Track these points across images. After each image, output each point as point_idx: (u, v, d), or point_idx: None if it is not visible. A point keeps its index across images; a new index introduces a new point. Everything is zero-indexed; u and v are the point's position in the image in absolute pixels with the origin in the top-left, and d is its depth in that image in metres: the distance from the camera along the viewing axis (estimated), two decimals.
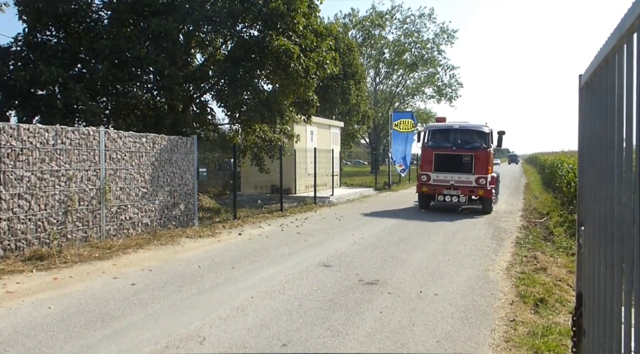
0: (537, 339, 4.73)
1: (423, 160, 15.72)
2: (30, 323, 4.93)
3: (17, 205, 7.49)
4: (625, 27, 1.69)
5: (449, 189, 14.72)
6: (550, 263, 7.91)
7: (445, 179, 14.80)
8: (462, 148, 14.95)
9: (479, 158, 14.62)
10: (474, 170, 14.52)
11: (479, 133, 15.22)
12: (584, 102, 3.05)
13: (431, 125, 17.35)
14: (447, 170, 14.81)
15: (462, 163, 14.68)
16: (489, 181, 14.55)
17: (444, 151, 15.03)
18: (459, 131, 15.56)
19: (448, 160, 14.91)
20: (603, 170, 2.21)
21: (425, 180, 15.15)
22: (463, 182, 14.59)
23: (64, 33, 13.10)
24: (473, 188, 14.52)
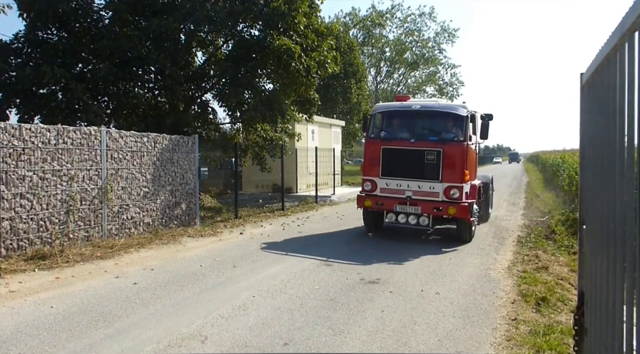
0: (538, 338, 4.73)
1: (366, 159, 10.28)
2: (32, 322, 4.94)
3: (19, 204, 7.50)
4: (626, 25, 1.68)
5: (404, 204, 9.53)
6: (551, 262, 7.90)
7: (399, 189, 9.63)
8: (424, 140, 9.55)
9: (450, 157, 9.29)
10: (442, 175, 9.23)
11: (452, 117, 9.68)
12: (585, 100, 3.04)
13: (380, 105, 11.26)
14: (402, 174, 9.62)
15: (425, 164, 9.39)
16: (466, 192, 9.30)
17: (396, 145, 9.77)
18: (420, 114, 9.98)
19: (403, 159, 9.64)
20: (604, 169, 2.21)
21: (370, 189, 9.98)
22: (425, 194, 9.39)
23: (65, 32, 13.10)
24: (440, 203, 9.22)
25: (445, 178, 9.25)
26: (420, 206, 9.40)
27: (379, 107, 10.83)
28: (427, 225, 9.57)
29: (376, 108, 10.90)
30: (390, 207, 9.72)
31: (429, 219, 9.47)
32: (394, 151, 9.75)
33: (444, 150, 9.30)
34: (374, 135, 10.28)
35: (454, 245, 9.48)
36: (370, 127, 10.42)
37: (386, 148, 9.82)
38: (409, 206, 9.52)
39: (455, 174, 9.24)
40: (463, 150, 9.35)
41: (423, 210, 9.39)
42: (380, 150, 9.83)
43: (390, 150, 9.79)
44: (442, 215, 9.28)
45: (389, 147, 9.82)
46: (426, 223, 9.51)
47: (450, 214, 9.12)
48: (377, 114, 10.61)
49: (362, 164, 10.54)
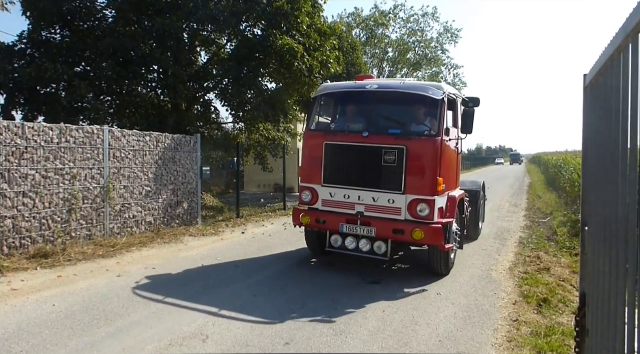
0: (540, 339, 4.72)
1: (305, 160, 7.61)
2: (34, 320, 4.95)
3: (22, 203, 7.52)
4: (630, 26, 1.68)
5: (353, 223, 6.89)
6: (553, 263, 7.89)
7: (346, 202, 6.97)
8: (382, 135, 6.91)
9: (417, 158, 6.63)
10: (406, 183, 6.60)
11: (422, 102, 7.03)
12: (588, 101, 3.04)
13: (326, 85, 8.26)
14: (350, 181, 6.96)
15: (382, 167, 6.74)
16: (440, 208, 6.76)
17: (343, 140, 7.09)
18: (378, 98, 7.40)
19: (352, 159, 7.00)
20: (607, 170, 2.20)
21: (309, 200, 7.32)
22: (382, 209, 6.77)
23: (68, 31, 13.14)
24: (403, 223, 6.60)
25: (411, 187, 6.50)
26: (375, 226, 6.64)
27: (323, 88, 7.89)
28: (385, 253, 6.68)
29: (320, 89, 7.93)
30: (334, 226, 6.93)
31: (386, 245, 6.68)
32: (340, 148, 6.95)
33: (408, 148, 6.49)
34: (315, 127, 7.57)
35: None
36: (312, 116, 7.67)
37: (330, 145, 7.00)
38: (359, 227, 6.76)
39: (424, 182, 6.48)
40: (436, 148, 6.50)
41: (379, 233, 6.63)
42: (322, 146, 7.02)
43: (335, 147, 6.98)
44: (405, 240, 6.55)
45: (333, 143, 7.00)
46: (383, 251, 6.68)
47: (416, 239, 6.40)
48: (320, 97, 7.75)
49: (300, 166, 7.71)
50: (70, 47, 12.45)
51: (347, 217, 6.92)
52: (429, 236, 6.43)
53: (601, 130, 2.43)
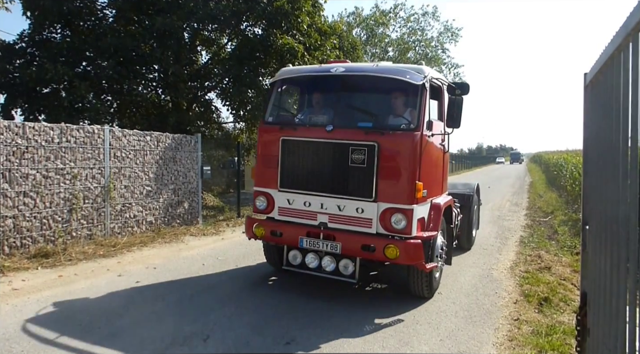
0: (541, 339, 4.72)
1: (259, 158, 6.43)
2: (35, 320, 4.96)
3: (23, 202, 7.53)
4: (630, 25, 1.68)
5: (315, 237, 5.74)
6: (554, 262, 7.89)
7: (307, 210, 5.84)
8: (350, 128, 5.72)
9: (391, 157, 5.49)
10: (378, 189, 5.46)
11: (398, 88, 5.87)
12: (589, 100, 3.04)
13: (286, 70, 6.85)
14: (312, 186, 5.82)
15: (349, 169, 5.60)
16: (420, 219, 5.62)
17: (303, 135, 5.91)
18: (346, 83, 6.16)
19: (314, 159, 5.85)
20: (608, 169, 2.20)
21: (264, 208, 6.19)
22: (350, 220, 5.63)
23: (69, 31, 13.15)
24: (374, 238, 5.45)
25: (383, 194, 5.35)
26: (341, 241, 5.47)
27: (281, 72, 6.60)
28: (352, 274, 5.55)
29: (278, 74, 6.63)
30: (292, 240, 5.78)
31: (354, 265, 5.53)
32: (300, 145, 5.78)
33: (380, 146, 5.33)
34: (271, 119, 6.38)
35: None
36: (269, 106, 6.48)
37: (288, 141, 5.83)
38: (322, 241, 5.57)
39: (399, 187, 5.34)
40: (414, 145, 5.31)
41: (345, 249, 5.46)
42: (279, 143, 5.86)
43: (294, 143, 5.81)
44: (376, 258, 5.38)
45: (291, 139, 5.82)
46: (350, 272, 5.54)
47: (390, 258, 5.21)
48: (277, 84, 6.50)
49: (254, 166, 6.44)
50: (70, 47, 12.46)
51: (308, 229, 5.71)
52: (405, 254, 5.20)
53: (602, 129, 2.43)
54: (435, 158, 6.16)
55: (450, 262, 6.69)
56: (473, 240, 9.36)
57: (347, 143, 5.52)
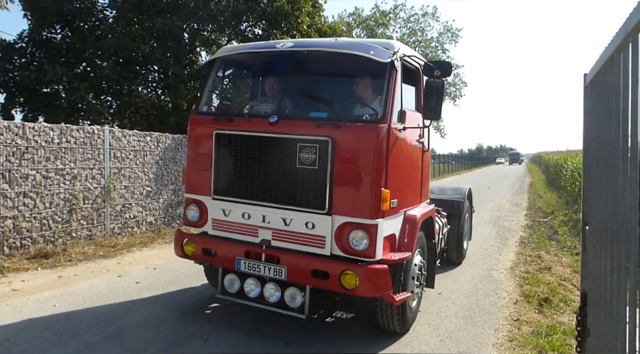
0: (541, 339, 4.72)
1: (190, 158, 5.15)
2: (34, 321, 4.95)
3: (23, 203, 7.52)
4: (631, 25, 1.68)
5: (256, 259, 4.53)
6: (554, 263, 7.89)
7: (246, 224, 4.64)
8: (299, 119, 4.58)
9: (349, 157, 4.24)
10: (333, 197, 4.23)
11: (359, 68, 4.81)
12: (588, 100, 3.04)
13: (226, 48, 5.50)
14: (252, 193, 4.57)
15: (297, 171, 4.35)
16: (388, 237, 4.38)
17: (241, 128, 4.66)
18: (295, 62, 4.84)
19: (254, 159, 4.56)
20: (608, 169, 2.20)
21: (195, 219, 5.04)
22: (297, 237, 4.40)
23: (69, 31, 13.16)
24: (328, 261, 4.25)
25: (340, 205, 4.23)
26: (287, 264, 4.36)
27: (220, 51, 5.41)
28: (301, 307, 4.35)
29: (217, 53, 5.45)
30: (228, 262, 4.66)
31: (303, 295, 4.35)
32: (237, 141, 4.63)
33: (336, 142, 4.20)
34: (207, 109, 5.38)
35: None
36: (205, 93, 5.39)
37: (222, 136, 4.72)
38: (264, 265, 4.46)
39: (360, 196, 4.21)
40: (379, 142, 4.16)
41: (292, 274, 4.35)
42: (212, 138, 4.75)
43: (230, 139, 4.67)
44: (331, 288, 4.23)
45: (226, 133, 4.70)
46: (298, 304, 4.35)
47: (348, 288, 4.10)
48: (215, 65, 5.37)
49: (185, 168, 5.39)
50: (70, 47, 12.47)
51: (247, 248, 4.56)
52: (367, 284, 4.06)
53: (602, 129, 2.43)
54: (409, 159, 4.91)
55: (433, 284, 5.43)
56: (464, 254, 8.14)
57: (294, 138, 4.31)
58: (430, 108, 4.55)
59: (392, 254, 4.38)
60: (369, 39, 4.97)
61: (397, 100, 4.38)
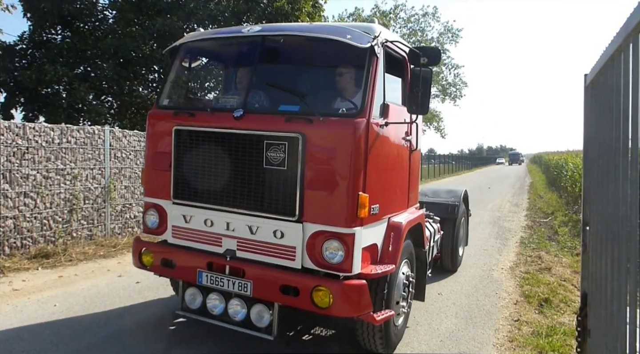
0: (541, 339, 4.72)
1: (148, 158, 4.64)
2: (35, 320, 4.95)
3: (23, 203, 7.53)
4: (631, 26, 1.68)
5: (219, 272, 4.06)
6: (554, 263, 7.89)
7: (208, 233, 4.17)
8: (266, 114, 4.14)
9: (322, 157, 3.75)
10: (302, 203, 3.76)
11: (335, 55, 4.41)
12: (589, 101, 3.04)
13: (191, 35, 4.94)
14: (214, 197, 4.10)
15: (263, 173, 3.88)
16: (367, 249, 3.86)
17: (204, 124, 4.19)
18: (264, 49, 4.34)
19: (216, 159, 4.09)
20: (608, 170, 2.20)
21: (155, 226, 4.50)
22: (263, 248, 3.93)
23: (69, 32, 13.18)
24: (296, 276, 3.76)
25: (312, 211, 3.77)
26: (253, 278, 3.91)
27: (185, 38, 4.93)
28: (268, 327, 3.93)
29: (181, 39, 4.93)
30: (188, 274, 4.21)
31: (270, 313, 3.91)
32: (198, 138, 4.19)
33: (307, 139, 3.75)
34: (167, 102, 4.81)
35: None
36: (167, 84, 4.87)
37: (182, 132, 4.27)
38: (228, 278, 4.00)
39: (334, 202, 3.74)
40: (357, 139, 3.69)
41: (258, 290, 3.89)
42: (172, 134, 4.29)
43: (191, 135, 4.23)
44: (302, 306, 3.76)
45: (186, 129, 4.25)
46: (266, 323, 3.92)
47: (321, 307, 3.64)
48: (180, 53, 4.87)
49: (143, 169, 4.84)
50: (71, 48, 12.48)
51: (210, 259, 4.10)
52: (341, 302, 3.60)
53: (602, 129, 2.43)
54: (393, 159, 4.42)
55: (423, 297, 5.00)
56: (459, 260, 7.69)
57: (260, 134, 3.85)
58: (416, 100, 3.93)
59: (373, 267, 3.89)
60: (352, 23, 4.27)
61: (378, 91, 3.92)
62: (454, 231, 7.16)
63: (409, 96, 4.05)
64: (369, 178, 3.77)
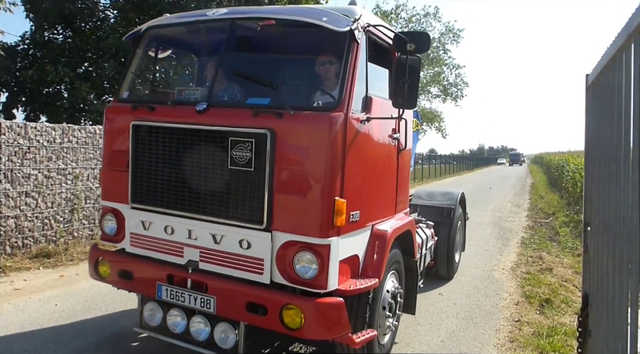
0: (542, 340, 4.72)
1: (106, 157, 4.20)
2: (37, 320, 4.96)
3: (25, 202, 7.54)
4: (632, 26, 1.68)
5: (180, 286, 3.62)
6: (556, 264, 7.88)
7: (168, 241, 3.73)
8: (232, 108, 3.75)
9: (293, 158, 3.30)
10: (270, 209, 3.30)
11: (310, 40, 4.19)
12: (590, 101, 3.04)
13: (155, 19, 4.44)
14: (175, 202, 3.65)
15: (228, 174, 3.41)
16: (345, 262, 3.40)
17: (164, 118, 3.73)
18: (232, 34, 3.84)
19: (177, 158, 3.63)
20: (609, 170, 2.20)
21: (112, 232, 4.08)
22: (227, 260, 3.48)
23: (71, 32, 13.20)
24: (264, 292, 3.33)
25: (282, 219, 3.34)
26: (217, 293, 3.50)
27: (150, 23, 4.40)
28: (234, 349, 3.49)
29: (143, 25, 4.41)
30: (148, 288, 3.81)
31: (236, 332, 3.49)
32: (158, 135, 3.73)
33: (277, 136, 3.31)
34: (127, 95, 4.29)
35: None
36: (127, 74, 4.29)
37: (141, 128, 3.82)
38: (189, 293, 3.59)
39: (307, 208, 3.29)
40: (333, 136, 3.23)
41: (222, 307, 3.47)
42: (130, 130, 3.85)
43: (149, 131, 3.77)
44: (270, 327, 3.33)
45: (145, 124, 3.81)
46: (231, 344, 3.50)
47: (291, 327, 3.21)
48: (144, 40, 4.32)
49: (102, 167, 4.36)
50: (72, 48, 12.50)
51: (170, 270, 3.69)
52: (315, 323, 3.19)
53: (603, 129, 2.43)
54: (377, 159, 3.97)
55: (414, 310, 4.63)
56: (456, 267, 7.18)
57: (225, 130, 3.40)
58: (402, 93, 3.45)
59: (352, 282, 3.45)
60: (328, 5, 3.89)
61: (359, 82, 3.45)
62: (450, 237, 6.68)
63: (394, 88, 3.61)
64: (348, 181, 3.33)
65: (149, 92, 4.76)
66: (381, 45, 3.92)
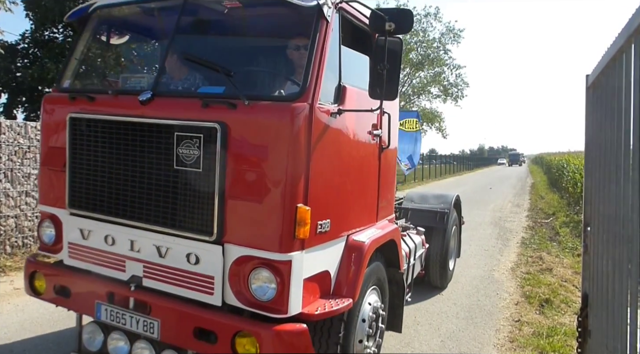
0: (542, 340, 4.72)
1: (43, 155, 3.66)
2: (37, 319, 4.96)
3: (25, 202, 7.54)
4: (632, 27, 1.68)
5: (121, 306, 3.08)
6: (555, 264, 7.88)
7: (109, 254, 3.18)
8: (180, 97, 3.17)
9: (249, 156, 2.76)
10: (221, 218, 2.76)
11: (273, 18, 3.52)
12: (590, 102, 3.04)
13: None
14: (115, 208, 3.10)
15: (174, 175, 2.87)
16: (311, 280, 2.88)
17: (105, 110, 3.20)
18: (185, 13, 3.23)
19: (117, 157, 3.07)
20: (609, 171, 2.20)
21: (52, 242, 3.52)
22: (172, 276, 2.94)
23: (71, 30, 13.20)
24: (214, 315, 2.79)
25: (236, 229, 2.79)
26: (161, 316, 2.96)
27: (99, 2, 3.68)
28: None
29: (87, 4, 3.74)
30: (86, 307, 3.33)
31: None
32: (97, 129, 3.17)
33: (230, 130, 2.76)
34: (69, 84, 3.73)
35: None
36: (70, 61, 3.79)
37: (79, 121, 3.25)
38: (131, 314, 3.06)
39: (264, 215, 2.73)
40: (295, 131, 2.69)
41: (166, 332, 2.95)
42: (67, 123, 3.28)
43: (87, 125, 3.21)
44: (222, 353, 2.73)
45: (83, 117, 3.23)
46: None
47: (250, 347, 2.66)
48: (92, 21, 3.79)
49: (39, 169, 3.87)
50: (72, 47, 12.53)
51: (111, 287, 3.18)
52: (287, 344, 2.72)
53: (603, 130, 2.43)
54: (352, 158, 3.40)
55: (400, 327, 4.15)
56: (450, 276, 6.69)
57: (170, 124, 2.91)
58: (380, 81, 2.90)
59: (321, 303, 2.93)
60: None
61: (330, 68, 2.96)
62: (444, 243, 6.13)
63: (371, 75, 3.03)
64: (314, 185, 2.80)
65: (94, 81, 4.25)
66: (360, 28, 3.42)
